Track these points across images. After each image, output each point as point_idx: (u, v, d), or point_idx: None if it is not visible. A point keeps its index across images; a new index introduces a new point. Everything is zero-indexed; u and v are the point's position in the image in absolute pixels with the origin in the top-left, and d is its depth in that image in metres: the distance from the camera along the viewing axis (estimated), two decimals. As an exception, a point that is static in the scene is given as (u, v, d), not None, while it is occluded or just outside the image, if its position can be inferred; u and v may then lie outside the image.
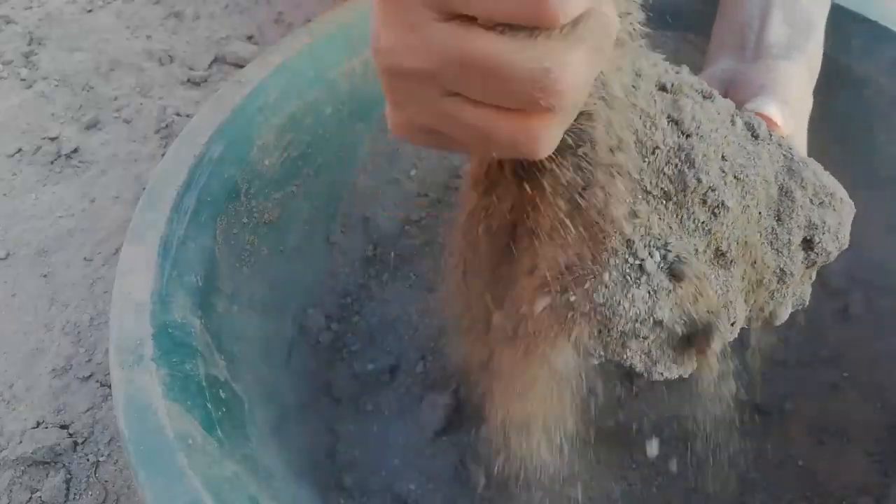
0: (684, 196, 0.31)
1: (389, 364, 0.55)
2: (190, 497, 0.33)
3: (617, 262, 0.30)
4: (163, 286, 0.40)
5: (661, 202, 0.31)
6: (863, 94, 0.53)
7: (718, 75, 0.42)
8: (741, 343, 0.54)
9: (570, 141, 0.28)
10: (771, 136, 0.35)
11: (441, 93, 0.24)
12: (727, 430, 0.52)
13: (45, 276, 0.65)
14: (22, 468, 0.53)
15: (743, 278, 0.33)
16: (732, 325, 0.33)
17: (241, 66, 0.66)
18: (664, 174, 0.31)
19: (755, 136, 0.34)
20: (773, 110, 0.37)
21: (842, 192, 0.35)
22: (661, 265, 0.30)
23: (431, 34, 0.23)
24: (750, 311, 0.35)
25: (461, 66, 0.23)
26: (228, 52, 0.81)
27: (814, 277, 0.36)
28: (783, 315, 0.36)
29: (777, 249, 0.33)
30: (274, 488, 0.40)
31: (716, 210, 0.31)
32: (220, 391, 0.41)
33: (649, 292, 0.30)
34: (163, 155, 0.45)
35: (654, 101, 0.32)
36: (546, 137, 0.25)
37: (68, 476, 0.53)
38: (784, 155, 0.34)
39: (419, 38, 0.23)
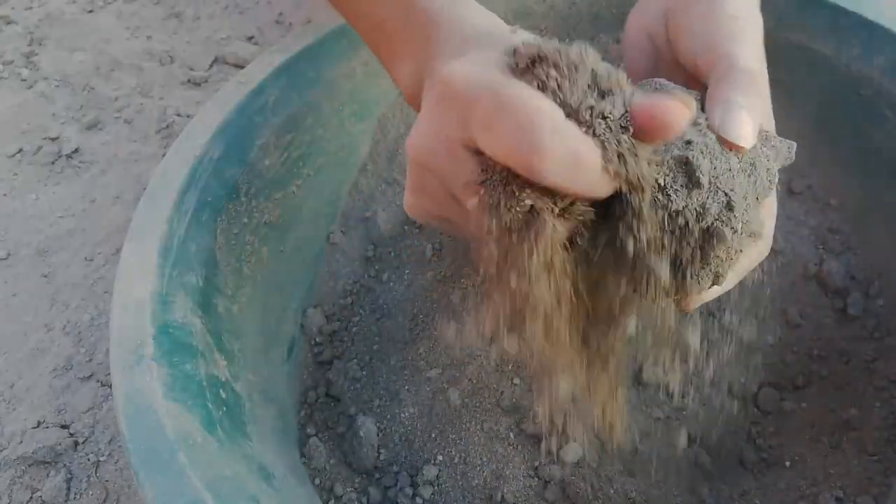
0: None
1: (389, 364, 0.55)
2: (190, 497, 0.33)
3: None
4: (163, 286, 0.40)
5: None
6: (862, 95, 0.53)
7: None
8: (741, 342, 0.54)
9: None
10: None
11: (449, 193, 0.31)
12: (727, 428, 0.52)
13: (45, 276, 0.65)
14: (22, 468, 0.54)
15: None
16: None
17: (241, 67, 0.66)
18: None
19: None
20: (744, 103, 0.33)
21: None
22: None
23: (456, 152, 0.29)
24: None
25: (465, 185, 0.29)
26: (228, 53, 0.81)
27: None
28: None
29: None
30: (274, 488, 0.40)
31: None
32: (221, 391, 0.41)
33: None
34: (163, 155, 0.46)
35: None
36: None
37: (69, 476, 0.53)
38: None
39: (448, 151, 0.30)
